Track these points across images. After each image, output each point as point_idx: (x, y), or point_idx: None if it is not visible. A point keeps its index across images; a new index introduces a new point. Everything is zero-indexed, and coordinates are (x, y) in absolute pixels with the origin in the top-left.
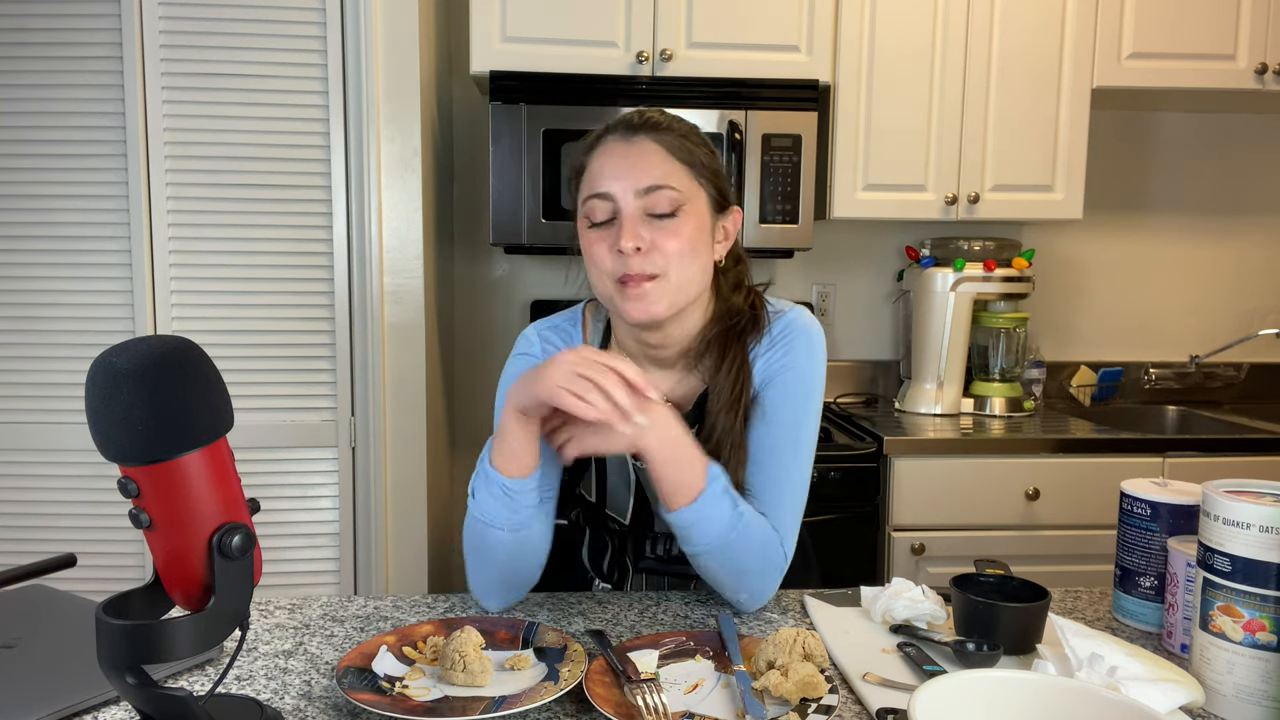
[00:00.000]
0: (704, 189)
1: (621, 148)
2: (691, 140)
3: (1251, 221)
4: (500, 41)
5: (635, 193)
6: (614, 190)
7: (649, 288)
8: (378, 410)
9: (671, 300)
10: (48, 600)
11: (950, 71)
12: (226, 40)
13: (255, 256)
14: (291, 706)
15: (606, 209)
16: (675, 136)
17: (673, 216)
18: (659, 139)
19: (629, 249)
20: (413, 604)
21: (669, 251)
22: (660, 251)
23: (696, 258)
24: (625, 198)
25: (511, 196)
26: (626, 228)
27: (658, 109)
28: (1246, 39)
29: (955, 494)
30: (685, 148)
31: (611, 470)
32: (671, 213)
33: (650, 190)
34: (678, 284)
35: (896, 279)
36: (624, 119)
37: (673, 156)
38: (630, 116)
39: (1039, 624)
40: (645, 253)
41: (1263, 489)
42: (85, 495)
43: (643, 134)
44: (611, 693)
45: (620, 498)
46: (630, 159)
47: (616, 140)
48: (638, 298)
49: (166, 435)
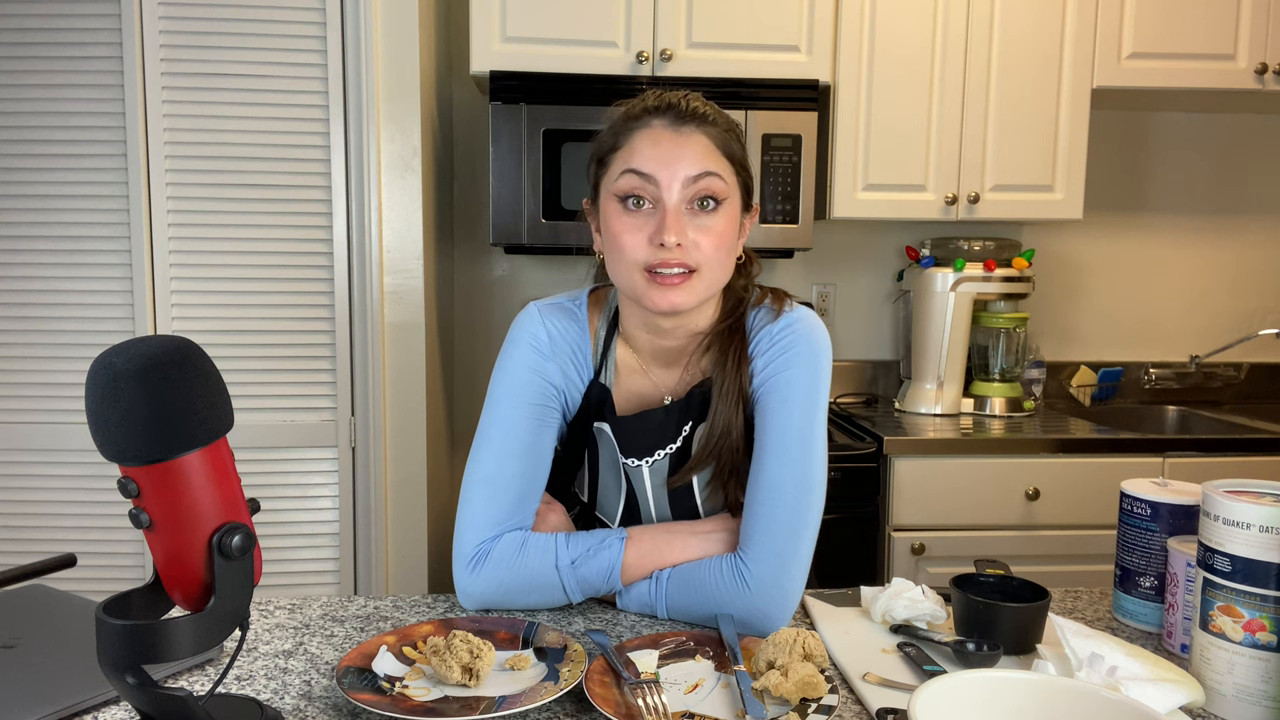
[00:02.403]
0: (737, 188)
1: (670, 135)
2: (734, 135)
3: (1251, 221)
4: (500, 41)
5: (684, 181)
6: (661, 176)
7: (686, 283)
8: (378, 410)
9: (700, 296)
10: (48, 600)
11: (950, 71)
12: (226, 40)
13: (255, 256)
14: (291, 706)
15: (647, 190)
16: (721, 130)
17: (715, 209)
18: (707, 131)
19: (671, 243)
20: (413, 604)
21: (706, 248)
22: (698, 248)
23: (729, 255)
24: (672, 186)
25: (511, 196)
26: (670, 221)
27: (698, 96)
28: (1246, 39)
29: (955, 494)
30: (728, 142)
31: (604, 469)
32: (715, 205)
33: (700, 177)
34: (709, 281)
35: (896, 279)
36: (669, 104)
37: (722, 151)
38: (676, 103)
39: (1039, 624)
40: (685, 248)
41: (1263, 489)
42: (85, 495)
43: (692, 124)
44: (611, 693)
45: (611, 499)
46: (680, 148)
47: (664, 126)
48: (668, 288)
49: (166, 435)
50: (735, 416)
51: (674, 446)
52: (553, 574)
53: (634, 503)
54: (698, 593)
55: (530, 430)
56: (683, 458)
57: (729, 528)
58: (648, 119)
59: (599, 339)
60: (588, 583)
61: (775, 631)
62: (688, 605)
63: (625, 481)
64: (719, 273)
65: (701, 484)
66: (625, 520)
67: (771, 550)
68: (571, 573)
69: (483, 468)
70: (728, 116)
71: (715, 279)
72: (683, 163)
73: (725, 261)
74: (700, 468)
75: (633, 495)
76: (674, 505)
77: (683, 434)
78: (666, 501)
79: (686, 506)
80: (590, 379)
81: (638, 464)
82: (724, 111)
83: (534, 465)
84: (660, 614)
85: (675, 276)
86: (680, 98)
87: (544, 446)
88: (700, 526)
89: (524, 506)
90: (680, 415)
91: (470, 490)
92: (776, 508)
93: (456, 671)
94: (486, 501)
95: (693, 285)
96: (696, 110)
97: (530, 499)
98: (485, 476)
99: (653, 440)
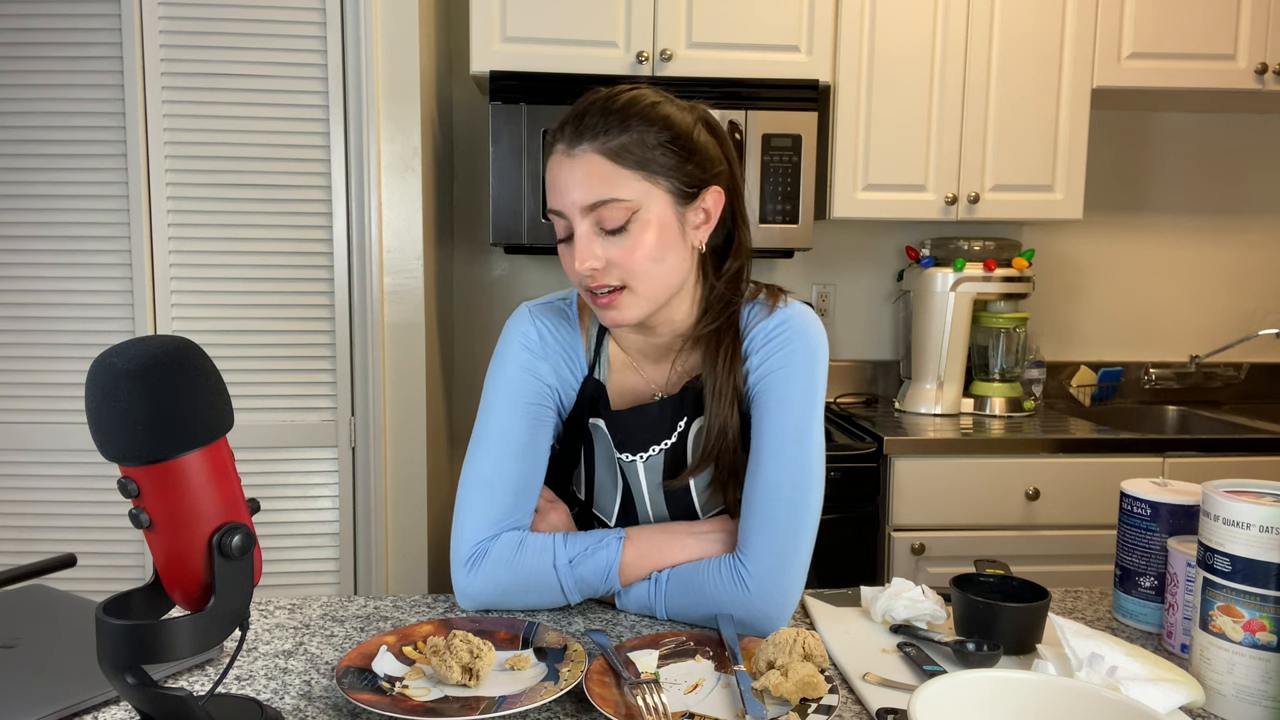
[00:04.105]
0: (661, 185)
1: (565, 162)
2: (641, 133)
3: (1251, 221)
4: (500, 41)
5: (581, 210)
6: (564, 208)
7: (618, 300)
8: (378, 410)
9: (643, 308)
10: (48, 600)
11: (950, 71)
12: (226, 40)
13: (255, 256)
14: (291, 706)
15: (562, 226)
16: (620, 137)
17: (625, 230)
18: (603, 146)
19: (585, 271)
20: (413, 604)
21: (627, 266)
22: (618, 267)
23: (661, 262)
24: (573, 215)
25: (511, 196)
26: (579, 250)
27: (604, 96)
28: (1246, 39)
29: (955, 494)
30: (632, 148)
31: (600, 466)
32: (623, 226)
33: (595, 207)
34: (646, 293)
35: (896, 279)
36: (569, 120)
37: (618, 163)
38: (573, 118)
39: (1039, 624)
40: (604, 269)
41: (1263, 489)
42: (85, 495)
43: (584, 143)
44: (611, 693)
45: (607, 496)
46: (574, 175)
47: (563, 152)
48: (607, 308)
49: (166, 435)
50: (731, 416)
51: (669, 442)
52: (550, 574)
53: (630, 499)
54: (697, 594)
55: (525, 430)
56: (678, 454)
57: (728, 529)
58: (554, 143)
59: (591, 335)
60: (585, 582)
61: (775, 631)
62: (687, 606)
63: (621, 478)
64: (656, 281)
65: (700, 486)
66: (622, 518)
67: (770, 550)
68: (569, 572)
69: (479, 468)
70: (638, 107)
71: (653, 288)
72: (575, 191)
73: (658, 269)
74: (699, 470)
75: (629, 492)
76: (671, 503)
77: (677, 430)
78: (663, 498)
79: (684, 505)
80: (584, 375)
81: (632, 459)
82: (638, 99)
83: (530, 465)
84: (660, 615)
85: (605, 296)
86: (580, 111)
87: (539, 446)
88: (699, 527)
89: (521, 506)
90: (674, 411)
91: (467, 491)
92: (774, 507)
93: (456, 671)
94: (483, 502)
95: (626, 301)
96: (587, 126)
97: (527, 498)
98: (482, 477)
99: (647, 435)
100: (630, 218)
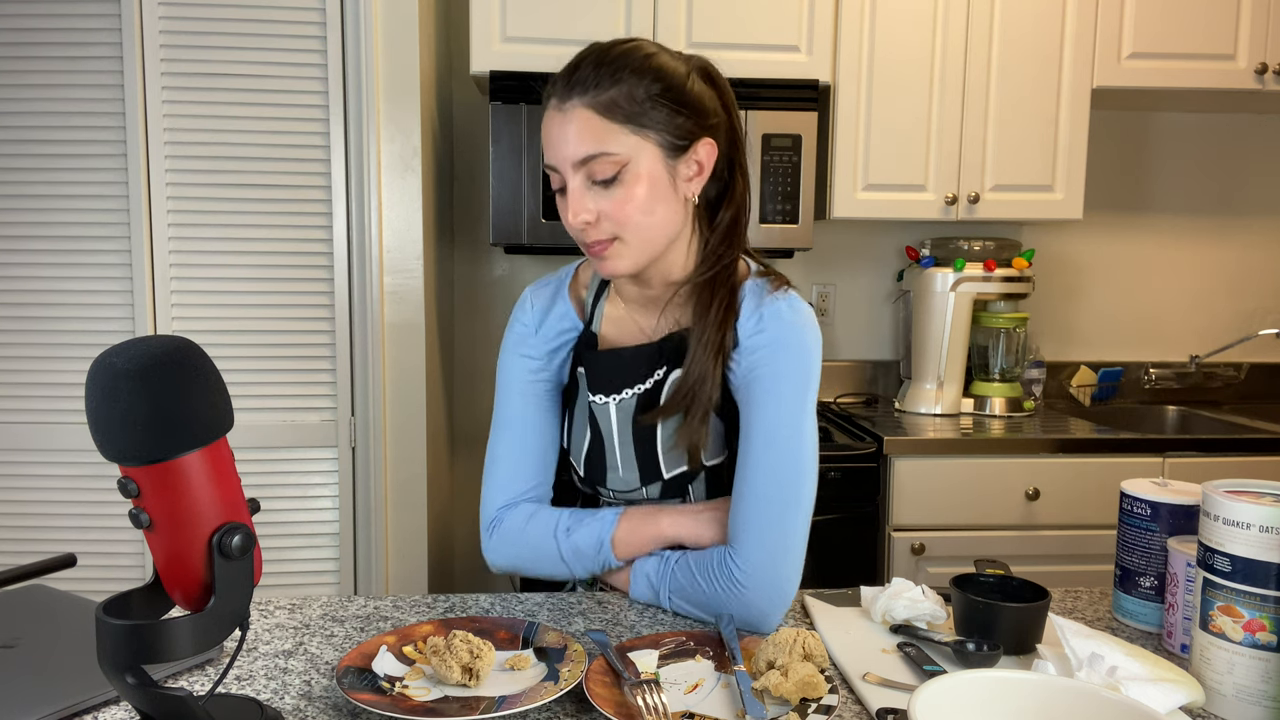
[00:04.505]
0: (652, 139)
1: (558, 117)
2: (632, 85)
3: (1251, 221)
4: (500, 41)
5: (572, 165)
6: (557, 163)
7: (610, 251)
8: (378, 410)
9: (635, 258)
10: (48, 600)
11: (950, 71)
12: (226, 40)
13: (255, 256)
14: (291, 706)
15: (557, 179)
16: (611, 91)
17: (616, 182)
18: (593, 100)
19: (578, 224)
20: (413, 604)
21: (619, 218)
22: (610, 219)
23: (652, 214)
24: (565, 170)
25: (511, 196)
26: (571, 203)
27: (600, 49)
28: (1246, 39)
29: (955, 494)
30: (622, 102)
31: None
32: (614, 178)
33: (585, 161)
34: (638, 243)
35: (896, 279)
36: (563, 72)
37: (608, 117)
38: (567, 70)
39: (1039, 624)
40: (596, 222)
41: (1263, 489)
42: (85, 495)
43: (574, 97)
44: (611, 693)
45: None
46: (565, 130)
47: (555, 107)
48: (602, 259)
49: (166, 435)
50: (714, 369)
51: (643, 387)
52: (551, 541)
53: (599, 445)
54: (695, 589)
55: (529, 408)
56: (651, 400)
57: (723, 508)
58: (548, 98)
59: (591, 292)
60: (580, 551)
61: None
62: (688, 601)
63: (592, 422)
64: (647, 233)
65: (666, 434)
66: (589, 466)
67: (761, 546)
68: (566, 539)
69: (494, 446)
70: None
71: (646, 239)
72: (567, 146)
73: (648, 221)
74: (669, 414)
75: (598, 435)
76: (639, 451)
77: (654, 377)
78: (632, 446)
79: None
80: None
81: (605, 401)
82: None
83: (539, 438)
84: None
85: (598, 246)
86: (572, 65)
87: (545, 420)
88: (693, 507)
89: (537, 476)
90: (653, 357)
91: (487, 466)
92: (766, 504)
93: (456, 671)
94: (500, 474)
95: (619, 251)
96: (579, 78)
97: (543, 469)
98: (496, 454)
99: (621, 378)
100: (620, 170)
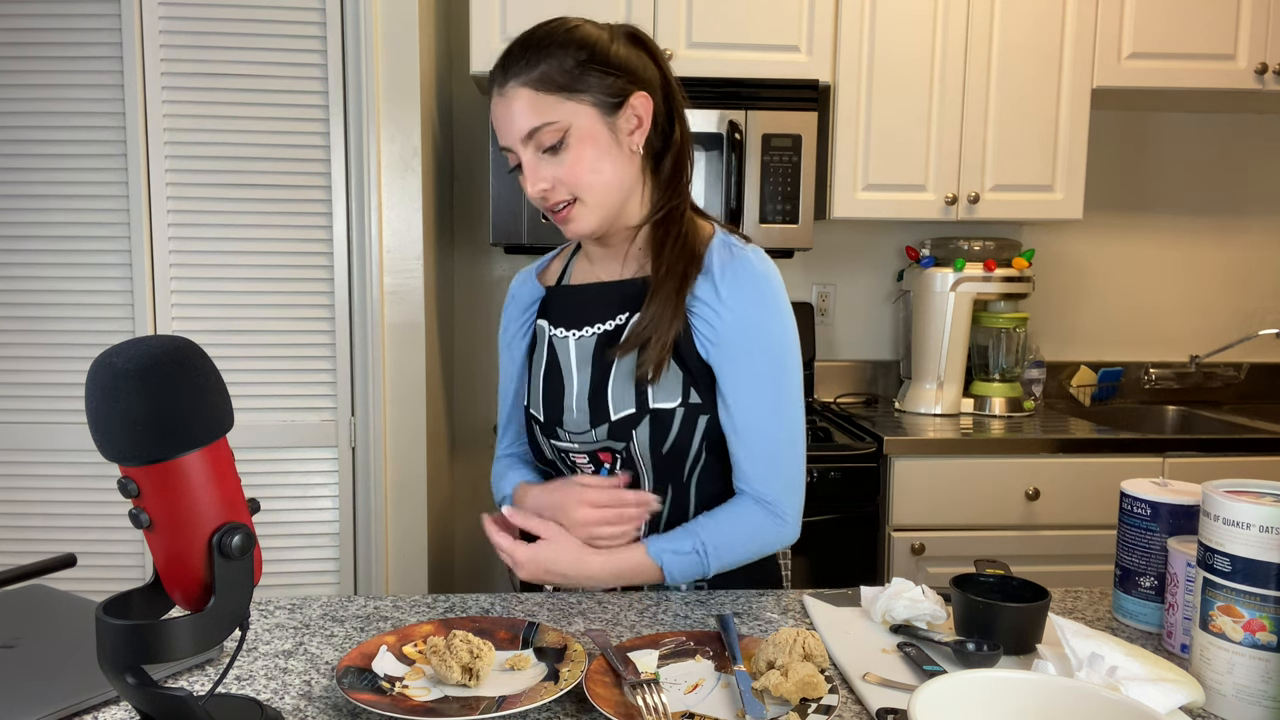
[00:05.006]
0: (586, 101)
1: (500, 101)
2: (560, 58)
3: (1251, 221)
4: (500, 41)
5: (520, 141)
6: (507, 143)
7: (572, 213)
8: (378, 410)
9: (596, 215)
10: (48, 600)
11: (950, 72)
12: (226, 40)
13: (255, 256)
14: (291, 706)
15: (512, 158)
16: (540, 66)
17: (563, 147)
18: (528, 79)
19: (536, 193)
20: (413, 604)
21: (571, 181)
22: (564, 182)
23: (600, 171)
24: (516, 146)
25: (511, 196)
26: (528, 175)
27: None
28: (1246, 39)
29: (955, 494)
30: (553, 74)
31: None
32: (560, 144)
33: (532, 134)
34: (596, 200)
35: (896, 279)
36: (497, 63)
37: (544, 90)
38: (501, 60)
39: (1039, 624)
40: (553, 188)
41: (1263, 489)
42: (85, 495)
43: (511, 80)
44: (611, 693)
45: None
46: (509, 111)
47: (498, 93)
48: (566, 222)
49: (166, 435)
50: (675, 307)
51: (604, 328)
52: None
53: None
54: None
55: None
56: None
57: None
58: (490, 85)
59: (567, 257)
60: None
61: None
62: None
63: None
64: (600, 190)
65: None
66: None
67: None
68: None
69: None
70: (555, 36)
71: (600, 196)
72: (513, 124)
73: (599, 179)
74: (629, 348)
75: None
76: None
77: (617, 320)
78: (588, 386)
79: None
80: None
81: (564, 335)
82: (553, 30)
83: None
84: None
85: (560, 212)
86: (505, 53)
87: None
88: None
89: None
90: (617, 297)
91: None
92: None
93: (456, 671)
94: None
95: (580, 212)
96: (511, 64)
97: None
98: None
99: (582, 314)
100: (564, 135)
